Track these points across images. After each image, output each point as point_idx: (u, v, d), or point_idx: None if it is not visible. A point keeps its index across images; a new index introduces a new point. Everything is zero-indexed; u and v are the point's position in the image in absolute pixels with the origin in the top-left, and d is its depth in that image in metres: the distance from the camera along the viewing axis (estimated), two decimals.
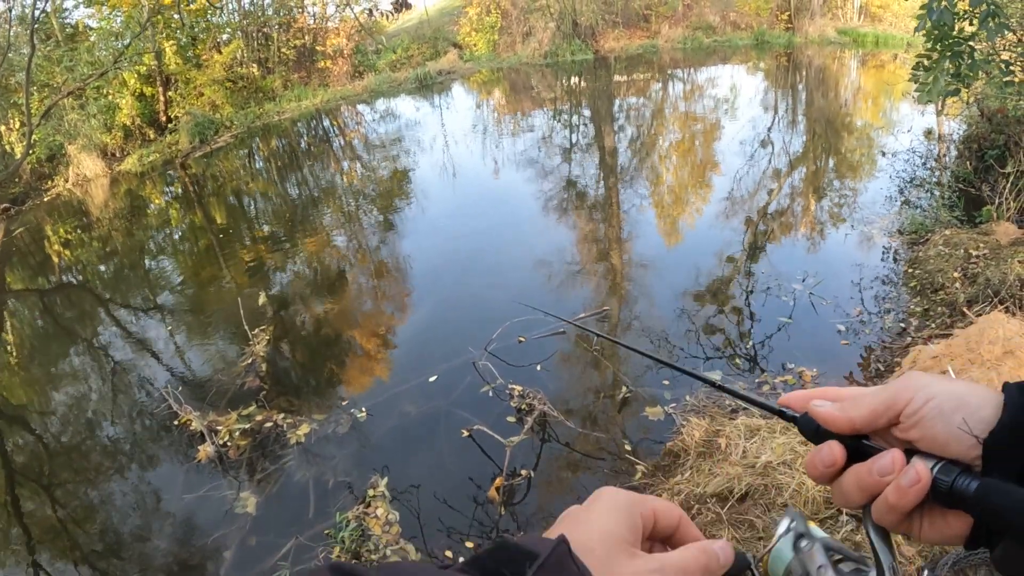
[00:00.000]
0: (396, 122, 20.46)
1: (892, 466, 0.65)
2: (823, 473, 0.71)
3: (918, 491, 0.63)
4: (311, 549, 4.52)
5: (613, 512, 0.64)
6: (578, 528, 0.63)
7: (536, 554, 0.55)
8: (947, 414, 0.64)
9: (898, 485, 0.64)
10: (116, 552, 5.12)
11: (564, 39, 26.26)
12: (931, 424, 0.64)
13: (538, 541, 0.57)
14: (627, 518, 0.64)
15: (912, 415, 0.66)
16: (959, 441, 0.63)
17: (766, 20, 26.66)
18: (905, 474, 0.64)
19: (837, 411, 0.71)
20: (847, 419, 0.70)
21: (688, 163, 13.54)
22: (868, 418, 0.69)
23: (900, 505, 0.64)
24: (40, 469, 6.43)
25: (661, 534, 0.69)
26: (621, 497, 0.67)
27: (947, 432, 0.63)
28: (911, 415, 0.66)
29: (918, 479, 0.63)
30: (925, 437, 0.65)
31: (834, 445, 0.70)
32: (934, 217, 8.18)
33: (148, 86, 21.11)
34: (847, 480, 0.69)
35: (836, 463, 0.70)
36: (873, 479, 0.66)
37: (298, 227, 12.29)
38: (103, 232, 14.03)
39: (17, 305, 11.41)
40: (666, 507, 0.69)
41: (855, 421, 0.69)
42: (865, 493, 0.68)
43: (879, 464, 0.66)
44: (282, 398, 6.50)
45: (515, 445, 5.00)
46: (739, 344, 6.51)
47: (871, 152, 12.45)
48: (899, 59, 20.50)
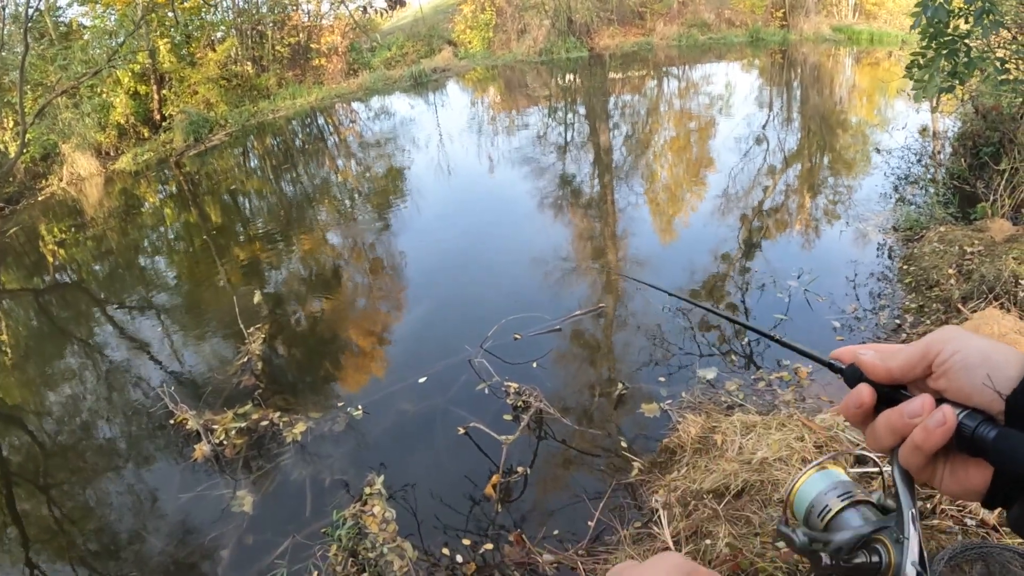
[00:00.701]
0: (391, 120, 20.44)
1: (921, 409, 0.69)
2: (854, 413, 0.76)
3: (943, 432, 0.66)
4: (308, 547, 4.52)
5: None
6: None
7: None
8: (972, 368, 0.67)
9: (925, 426, 0.68)
10: (112, 552, 5.11)
11: (559, 36, 26.25)
12: (957, 375, 0.68)
13: None
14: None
15: (941, 365, 0.70)
16: (983, 394, 0.66)
17: (761, 17, 26.69)
18: (932, 416, 0.67)
19: (878, 360, 0.75)
20: (885, 368, 0.74)
21: (683, 160, 13.55)
22: (904, 367, 0.73)
23: (926, 445, 0.68)
24: (36, 469, 6.42)
25: None
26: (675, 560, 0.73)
27: (971, 385, 0.67)
28: (940, 365, 0.70)
29: (944, 421, 0.66)
30: (952, 387, 0.69)
31: (863, 388, 0.75)
32: (929, 214, 8.19)
33: (142, 84, 21.08)
34: (880, 423, 0.74)
35: (864, 403, 0.75)
36: (903, 421, 0.70)
37: (293, 225, 12.27)
38: (98, 231, 13.99)
39: (12, 304, 11.38)
40: None
41: (892, 370, 0.74)
42: (895, 435, 0.72)
43: (909, 407, 0.70)
44: (278, 396, 6.50)
45: (511, 442, 5.01)
46: (734, 341, 6.52)
47: (866, 149, 12.46)
48: (894, 56, 20.52)
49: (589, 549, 4.07)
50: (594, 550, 4.04)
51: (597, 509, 4.37)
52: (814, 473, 0.86)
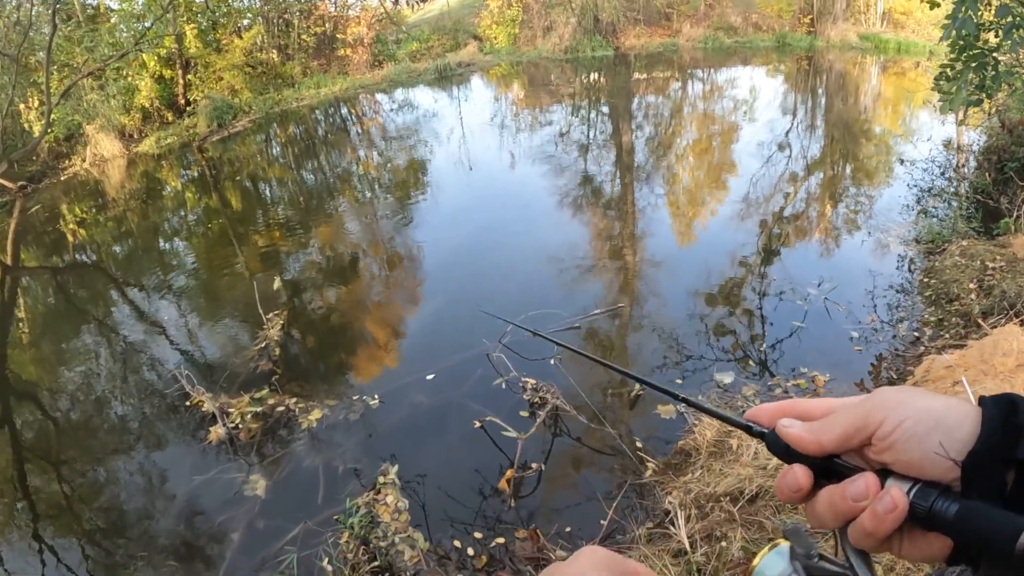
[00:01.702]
0: (414, 112, 20.44)
1: (866, 491, 0.63)
2: (790, 497, 0.69)
3: (895, 518, 0.60)
4: (319, 534, 4.55)
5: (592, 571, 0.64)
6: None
7: None
8: (921, 436, 0.61)
9: (874, 512, 0.61)
10: (124, 531, 5.15)
11: (585, 35, 26.18)
12: (905, 448, 0.62)
13: None
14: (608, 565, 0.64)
15: (884, 438, 0.63)
16: (935, 464, 0.60)
17: (788, 22, 26.53)
18: (880, 500, 0.61)
19: (806, 433, 0.68)
20: (816, 442, 0.67)
21: (705, 164, 13.52)
22: (838, 441, 0.66)
23: (877, 532, 0.62)
24: (49, 447, 6.48)
25: None
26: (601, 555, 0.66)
27: (922, 456, 0.61)
28: (883, 438, 0.63)
29: (894, 506, 0.60)
30: (900, 461, 0.62)
31: (798, 469, 0.68)
32: (951, 227, 8.15)
33: (168, 69, 21.13)
34: (820, 503, 0.67)
35: (801, 488, 0.68)
36: (847, 504, 0.63)
37: (313, 214, 12.31)
38: (118, 212, 14.07)
39: (31, 282, 11.48)
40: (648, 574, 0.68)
41: (824, 445, 0.67)
42: (840, 517, 0.65)
43: (852, 489, 0.63)
44: (294, 383, 6.53)
45: (527, 438, 5.02)
46: (750, 347, 6.52)
47: (889, 160, 12.40)
48: (921, 67, 20.38)
49: None
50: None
51: (611, 508, 4.37)
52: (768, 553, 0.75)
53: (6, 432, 6.81)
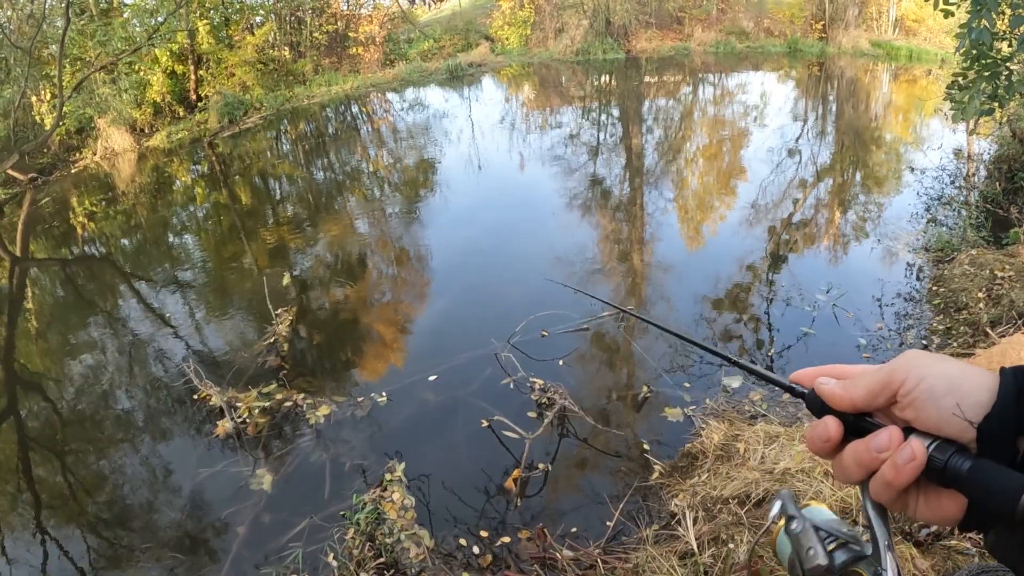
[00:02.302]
0: (424, 112, 20.47)
1: (889, 443, 0.67)
2: (821, 448, 0.74)
3: (913, 468, 0.64)
4: (325, 529, 4.56)
5: None
6: None
7: None
8: (938, 397, 0.65)
9: (894, 462, 0.66)
10: (129, 522, 5.17)
11: (596, 37, 26.19)
12: (924, 406, 0.66)
13: None
14: None
15: (906, 395, 0.67)
16: (952, 424, 0.64)
17: (800, 28, 26.50)
18: (901, 451, 0.65)
19: (839, 389, 0.73)
20: (848, 398, 0.72)
21: (714, 168, 13.51)
22: (866, 397, 0.70)
23: (896, 482, 0.66)
24: (55, 437, 6.50)
25: None
26: None
27: (940, 415, 0.65)
28: (905, 395, 0.67)
29: (913, 456, 0.64)
30: (920, 417, 0.66)
31: (830, 421, 0.73)
32: (960, 236, 8.14)
33: (180, 64, 21.18)
34: (846, 456, 0.71)
35: (831, 438, 0.72)
36: (870, 455, 0.68)
37: (322, 211, 12.35)
38: (128, 206, 14.12)
39: (39, 274, 11.52)
40: None
41: (855, 400, 0.71)
42: (863, 469, 0.69)
43: (876, 441, 0.68)
44: (302, 379, 6.55)
45: (534, 439, 5.03)
46: (756, 352, 6.52)
47: (899, 167, 12.38)
48: (932, 75, 20.35)
49: (606, 548, 4.08)
50: (611, 548, 4.06)
51: (617, 509, 4.38)
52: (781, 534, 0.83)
53: (13, 422, 6.84)
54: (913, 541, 3.32)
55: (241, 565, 4.53)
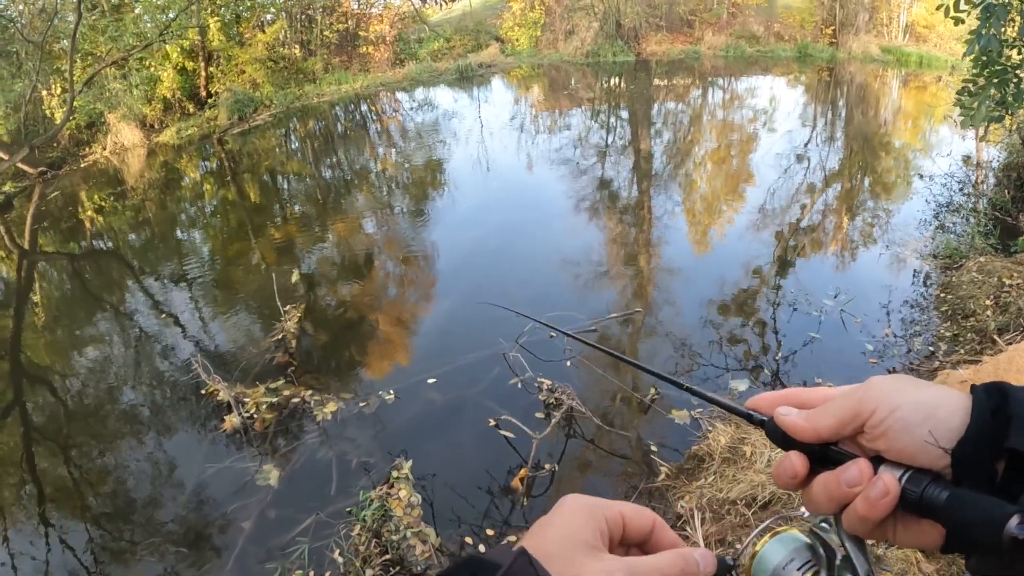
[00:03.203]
0: (434, 112, 20.51)
1: (860, 477, 0.64)
2: (787, 483, 0.70)
3: (887, 503, 0.62)
4: (331, 526, 4.58)
5: (575, 516, 0.65)
6: (540, 536, 0.63)
7: (498, 565, 0.56)
8: (912, 426, 0.62)
9: (867, 497, 0.63)
10: (135, 516, 5.19)
11: (606, 40, 26.18)
12: (896, 436, 0.63)
13: (503, 553, 0.58)
14: (589, 520, 0.64)
15: (876, 426, 0.64)
16: (927, 452, 0.61)
17: (810, 33, 26.47)
18: (873, 486, 0.62)
19: (802, 421, 0.69)
20: (812, 429, 0.68)
21: (722, 172, 13.51)
22: (833, 429, 0.67)
23: (871, 516, 0.63)
24: (61, 431, 6.53)
25: (634, 539, 0.69)
26: (583, 501, 0.67)
27: (913, 444, 0.62)
28: (875, 427, 0.64)
29: (886, 491, 0.62)
30: (892, 449, 0.63)
31: (794, 457, 0.69)
32: (968, 243, 8.13)
33: (190, 60, 21.24)
34: (816, 489, 0.68)
35: (798, 475, 0.69)
36: (841, 490, 0.65)
37: (330, 209, 12.38)
38: (137, 201, 14.17)
39: (47, 267, 11.56)
40: (636, 511, 0.69)
41: (820, 432, 0.68)
42: (834, 503, 0.66)
43: (846, 475, 0.65)
44: (310, 375, 6.57)
45: (541, 439, 5.04)
46: (762, 357, 6.51)
47: (908, 174, 12.37)
48: (942, 81, 20.31)
49: None
50: None
51: None
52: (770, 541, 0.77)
53: (18, 415, 6.87)
54: None
55: (246, 560, 4.55)
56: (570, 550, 0.61)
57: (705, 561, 0.66)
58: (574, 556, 0.61)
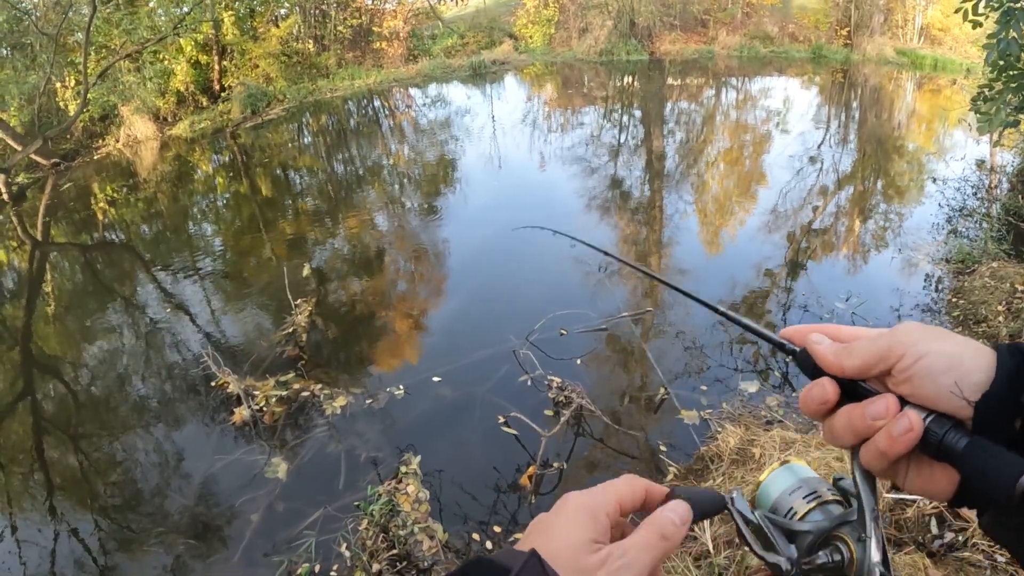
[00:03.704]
0: (447, 108, 20.53)
1: (885, 412, 0.65)
2: (816, 410, 0.71)
3: (909, 440, 0.63)
4: (338, 519, 4.59)
5: (578, 517, 0.66)
6: (546, 537, 0.64)
7: (508, 568, 0.57)
8: (937, 374, 0.63)
9: (889, 432, 0.64)
10: (143, 507, 5.21)
11: (620, 38, 26.16)
12: (921, 383, 0.64)
13: (511, 555, 0.60)
14: (591, 520, 0.65)
15: (904, 371, 0.65)
16: (950, 400, 0.62)
17: (825, 34, 26.40)
18: (897, 421, 0.64)
19: (831, 354, 0.71)
20: (839, 365, 0.70)
21: (735, 173, 13.47)
22: (860, 368, 0.68)
23: (890, 452, 0.64)
24: (71, 421, 6.56)
25: (632, 511, 0.71)
26: (583, 500, 0.68)
27: (937, 392, 0.63)
28: (903, 371, 0.65)
29: (910, 428, 0.63)
30: (916, 394, 0.64)
31: (827, 383, 0.70)
32: (981, 248, 8.08)
33: (204, 54, 21.28)
34: (839, 420, 0.69)
35: (828, 401, 0.70)
36: (865, 423, 0.66)
37: (342, 204, 12.40)
38: (149, 194, 14.21)
39: (59, 258, 11.61)
40: (628, 488, 0.71)
41: (846, 369, 0.69)
42: (855, 435, 0.68)
43: (872, 408, 0.66)
44: (320, 369, 6.58)
45: (550, 436, 5.04)
46: (771, 359, 6.49)
47: (921, 177, 12.32)
48: (957, 85, 20.22)
49: None
50: None
51: None
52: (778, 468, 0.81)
53: (28, 405, 6.91)
54: (926, 552, 3.32)
55: (253, 552, 4.57)
56: (575, 552, 0.62)
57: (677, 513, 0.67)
58: (579, 557, 0.62)
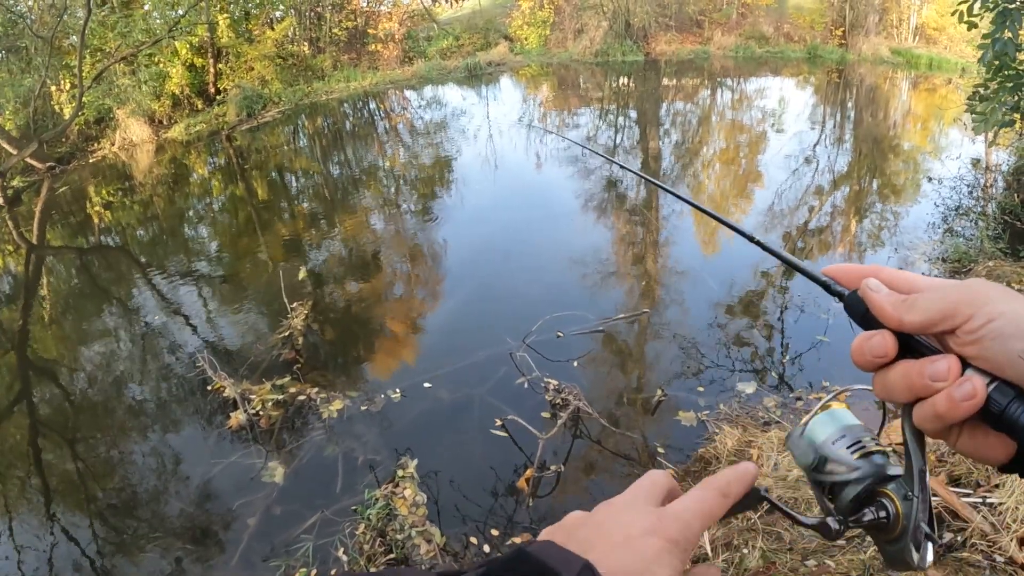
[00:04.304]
0: (442, 110, 20.53)
1: (947, 374, 0.61)
2: (870, 362, 0.67)
3: (970, 407, 0.59)
4: (336, 523, 4.58)
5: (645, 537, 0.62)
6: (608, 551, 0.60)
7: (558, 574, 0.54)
8: (1006, 338, 0.59)
9: (950, 396, 0.60)
10: (139, 512, 5.20)
11: (616, 39, 26.18)
12: (989, 346, 0.59)
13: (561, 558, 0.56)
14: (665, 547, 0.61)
15: (971, 332, 0.61)
16: (1015, 367, 0.58)
17: (820, 34, 26.44)
18: (960, 386, 0.60)
19: (889, 306, 0.66)
20: (898, 319, 0.65)
21: (731, 173, 13.49)
22: (921, 324, 0.64)
23: (949, 416, 0.61)
24: (67, 425, 6.55)
25: None
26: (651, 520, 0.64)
27: (1005, 357, 0.59)
28: (969, 333, 0.61)
29: (973, 394, 0.59)
30: (981, 357, 0.60)
31: (888, 337, 0.66)
32: (978, 247, 8.09)
33: (199, 57, 21.26)
34: (894, 375, 0.65)
35: (888, 355, 0.66)
36: (923, 382, 0.62)
37: (338, 207, 12.40)
38: (145, 197, 14.20)
39: (55, 262, 11.59)
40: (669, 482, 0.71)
41: (905, 323, 0.65)
42: (912, 393, 0.64)
43: (933, 368, 0.62)
44: (316, 373, 6.57)
45: (548, 439, 5.03)
46: (768, 359, 6.49)
47: (917, 176, 12.32)
48: (952, 84, 20.25)
49: None
50: None
51: None
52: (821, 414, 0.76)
53: (25, 408, 6.89)
54: None
55: (251, 556, 4.55)
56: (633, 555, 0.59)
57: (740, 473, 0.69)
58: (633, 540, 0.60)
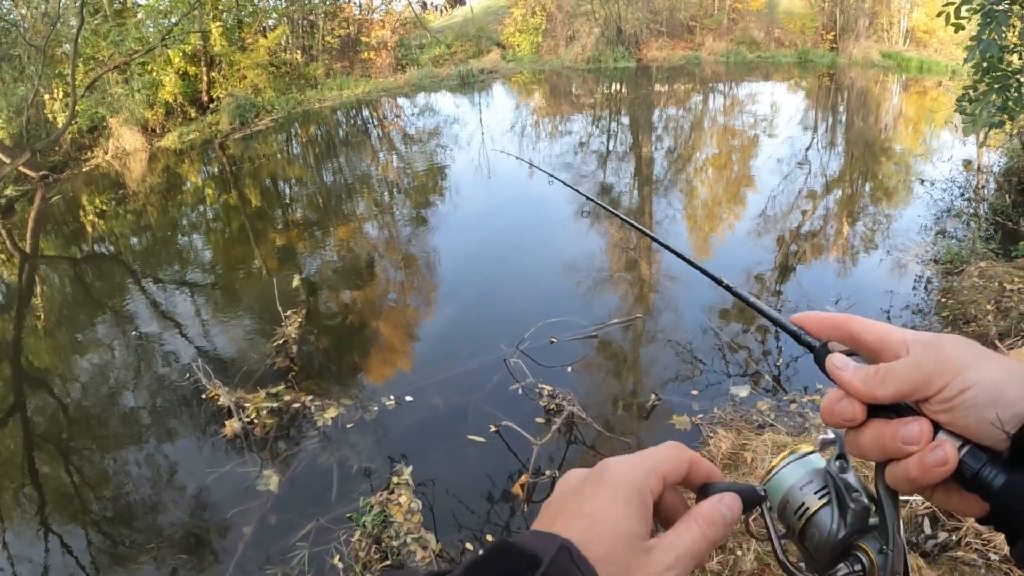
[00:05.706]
0: (435, 117, 20.58)
1: (919, 438, 0.61)
2: (839, 424, 0.67)
3: (942, 473, 0.59)
4: (331, 531, 4.56)
5: (622, 503, 0.60)
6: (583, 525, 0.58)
7: (539, 560, 0.53)
8: (981, 407, 0.58)
9: (923, 461, 0.60)
10: (134, 522, 5.18)
11: (607, 45, 26.26)
12: (963, 415, 0.59)
13: (540, 542, 0.55)
14: (638, 507, 0.60)
15: (944, 403, 0.60)
16: (989, 432, 0.58)
17: (811, 39, 26.56)
18: (932, 452, 0.60)
19: (860, 383, 0.64)
20: (870, 395, 0.64)
21: (723, 178, 13.52)
22: (894, 398, 0.63)
23: (921, 481, 0.60)
24: (61, 436, 6.52)
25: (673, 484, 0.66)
26: (629, 477, 0.62)
27: (978, 424, 0.59)
28: (943, 401, 0.60)
29: (945, 461, 0.59)
30: (955, 423, 0.60)
31: (856, 403, 0.65)
32: (970, 248, 8.12)
33: (192, 65, 21.30)
34: (867, 435, 0.64)
35: (856, 420, 0.65)
36: (896, 444, 0.61)
37: (331, 215, 12.39)
38: (138, 206, 14.18)
39: (48, 271, 11.56)
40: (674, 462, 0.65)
41: (879, 399, 0.63)
42: (883, 454, 0.63)
43: (905, 432, 0.61)
44: (311, 381, 6.56)
45: (542, 444, 5.04)
46: (763, 363, 6.50)
47: (908, 179, 12.37)
48: (943, 86, 20.34)
49: None
50: None
51: None
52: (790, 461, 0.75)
53: (19, 419, 6.86)
54: (920, 552, 3.32)
55: (246, 565, 4.54)
56: (622, 551, 0.57)
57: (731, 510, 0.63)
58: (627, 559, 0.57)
